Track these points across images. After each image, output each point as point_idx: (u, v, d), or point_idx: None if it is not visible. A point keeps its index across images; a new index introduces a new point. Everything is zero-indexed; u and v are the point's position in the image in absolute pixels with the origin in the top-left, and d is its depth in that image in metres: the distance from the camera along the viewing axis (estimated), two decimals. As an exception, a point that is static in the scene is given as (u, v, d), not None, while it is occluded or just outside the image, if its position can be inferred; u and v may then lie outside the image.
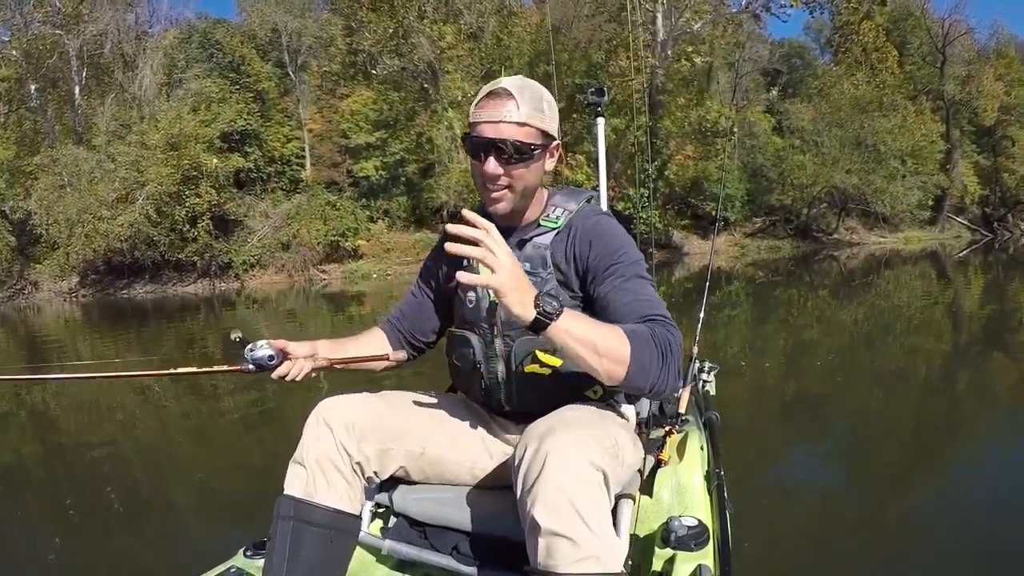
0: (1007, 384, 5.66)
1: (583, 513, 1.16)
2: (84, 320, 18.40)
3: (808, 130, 30.27)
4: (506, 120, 1.43)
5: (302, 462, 1.42)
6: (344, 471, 1.42)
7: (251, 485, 3.70)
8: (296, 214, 27.52)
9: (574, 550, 1.15)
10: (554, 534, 1.16)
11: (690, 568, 1.41)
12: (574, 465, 1.20)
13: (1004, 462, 3.75)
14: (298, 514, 1.37)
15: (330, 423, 1.44)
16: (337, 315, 15.27)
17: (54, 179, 25.19)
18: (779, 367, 6.81)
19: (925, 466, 3.76)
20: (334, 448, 1.42)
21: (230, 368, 1.62)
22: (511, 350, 1.56)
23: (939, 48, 34.52)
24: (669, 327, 1.34)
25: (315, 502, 1.38)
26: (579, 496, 1.17)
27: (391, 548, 1.57)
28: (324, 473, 1.41)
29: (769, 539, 2.78)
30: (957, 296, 12.31)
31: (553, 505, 1.17)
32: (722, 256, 26.75)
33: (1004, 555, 2.61)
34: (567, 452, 1.20)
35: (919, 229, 33.06)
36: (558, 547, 1.16)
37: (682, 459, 1.89)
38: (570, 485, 1.17)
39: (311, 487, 1.39)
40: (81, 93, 28.26)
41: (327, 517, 1.38)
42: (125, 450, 4.86)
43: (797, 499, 3.31)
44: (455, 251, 1.22)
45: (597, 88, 2.99)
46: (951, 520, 2.98)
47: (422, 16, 27.02)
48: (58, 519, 3.51)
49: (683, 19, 26.01)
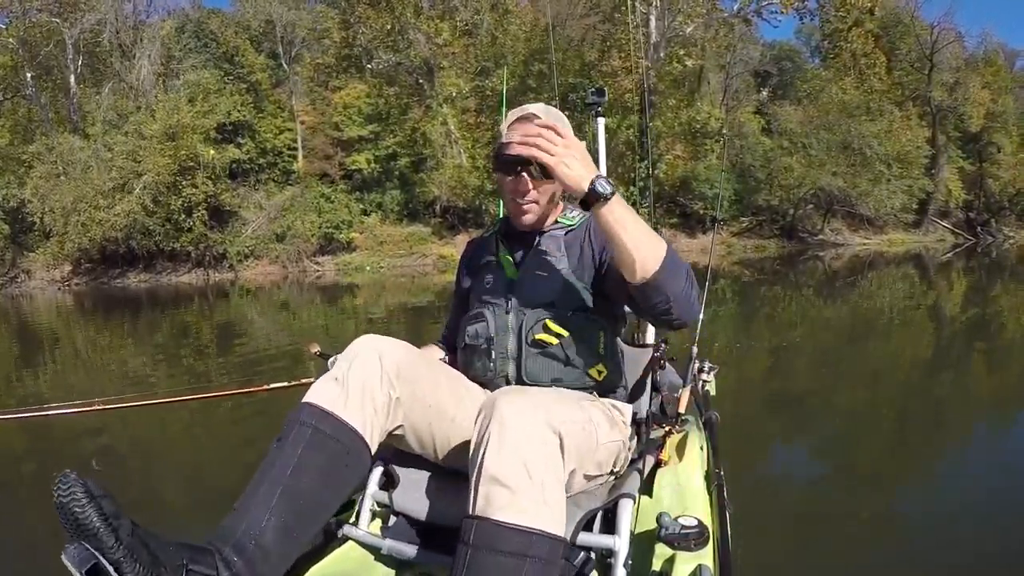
0: (990, 382, 5.81)
1: (528, 466, 1.20)
2: (77, 308, 18.47)
3: (796, 132, 30.65)
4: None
5: (341, 379, 1.38)
6: (378, 403, 1.40)
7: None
8: (290, 206, 27.68)
9: (512, 500, 1.17)
10: (495, 482, 1.19)
11: (690, 568, 1.39)
12: (528, 423, 1.24)
13: (1000, 461, 3.81)
14: (320, 423, 1.33)
15: (381, 354, 1.43)
16: (330, 307, 15.43)
17: (50, 168, 25.19)
18: (764, 363, 6.90)
19: (907, 461, 3.86)
20: (377, 378, 1.40)
21: (311, 381, 1.70)
22: (522, 322, 1.67)
23: (927, 55, 34.92)
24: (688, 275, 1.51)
25: (343, 418, 1.34)
26: (528, 451, 1.21)
27: (391, 548, 1.53)
28: (361, 396, 1.37)
29: (757, 534, 2.74)
30: (940, 298, 12.50)
31: (500, 455, 1.21)
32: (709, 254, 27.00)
33: (1005, 555, 2.65)
34: (522, 408, 1.25)
35: (903, 232, 33.43)
36: (497, 496, 1.18)
37: (682, 459, 1.90)
38: (520, 439, 1.22)
39: (340, 403, 1.35)
40: (76, 82, 28.19)
41: (349, 436, 1.34)
42: (126, 450, 4.76)
43: (782, 493, 3.36)
44: (521, 151, 1.48)
45: (597, 88, 3.05)
46: (937, 514, 3.03)
47: (418, 12, 27.20)
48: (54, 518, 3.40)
49: (676, 22, 26.26)
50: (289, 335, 9.74)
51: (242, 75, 30.40)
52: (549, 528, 1.18)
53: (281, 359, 7.80)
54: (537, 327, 1.66)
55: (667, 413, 2.07)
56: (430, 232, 27.80)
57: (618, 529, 1.44)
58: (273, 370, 7.17)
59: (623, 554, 1.40)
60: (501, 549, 1.14)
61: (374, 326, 10.28)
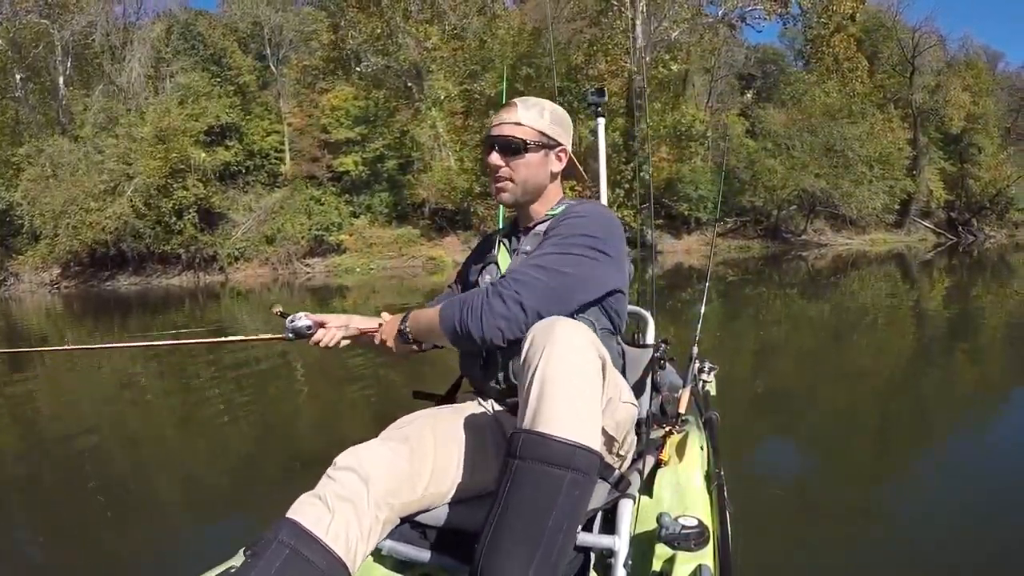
0: (973, 378, 5.93)
1: (575, 382, 1.26)
2: (66, 311, 18.41)
3: (780, 134, 31.07)
4: (506, 122, 1.70)
5: (324, 498, 1.30)
6: (363, 527, 1.31)
7: (251, 484, 3.60)
8: (280, 208, 27.82)
9: (557, 413, 1.23)
10: (543, 396, 1.24)
11: (690, 568, 1.39)
12: (578, 342, 1.30)
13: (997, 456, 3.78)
14: (299, 545, 1.23)
15: (368, 477, 1.36)
16: (321, 308, 15.39)
17: (40, 170, 25.20)
18: (749, 358, 7.00)
19: (891, 453, 3.88)
20: (364, 501, 1.33)
21: (272, 336, 1.83)
22: None
23: (909, 59, 35.38)
24: (495, 289, 1.52)
25: (324, 541, 1.25)
26: (575, 367, 1.27)
27: (391, 548, 1.50)
28: (344, 519, 1.29)
29: (754, 533, 2.63)
30: (922, 296, 12.65)
31: (549, 370, 1.26)
32: (693, 255, 27.29)
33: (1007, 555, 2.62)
34: (573, 328, 1.33)
35: (885, 232, 33.87)
36: (544, 409, 1.23)
37: (682, 459, 1.88)
38: (569, 355, 1.28)
39: (323, 525, 1.26)
40: (65, 84, 28.20)
41: (328, 562, 1.24)
42: (124, 449, 4.71)
43: (771, 489, 3.34)
44: None
45: (597, 88, 3.07)
46: (937, 514, 2.99)
47: (408, 16, 27.37)
48: (53, 518, 3.31)
49: (662, 27, 26.57)
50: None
51: (229, 77, 30.43)
52: (590, 443, 1.23)
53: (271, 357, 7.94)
54: None
55: (667, 413, 2.12)
56: (419, 234, 27.95)
57: (618, 529, 1.45)
58: (260, 372, 7.33)
59: (623, 554, 1.41)
60: (547, 460, 1.20)
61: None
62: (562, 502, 1.19)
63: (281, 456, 4.14)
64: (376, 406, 5.38)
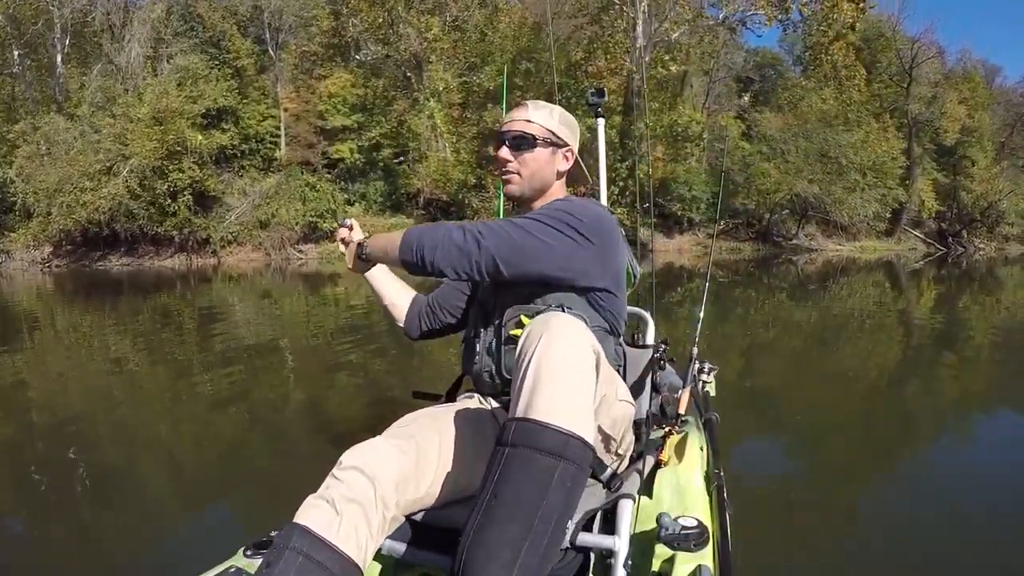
0: (961, 385, 6.01)
1: (569, 374, 1.26)
2: (57, 290, 18.34)
3: (775, 139, 31.21)
4: (518, 119, 1.77)
5: (331, 501, 1.28)
6: (373, 527, 1.30)
7: (251, 484, 3.53)
8: (275, 193, 27.78)
9: (551, 404, 1.22)
10: (537, 386, 1.24)
11: (690, 568, 1.39)
12: (573, 337, 1.30)
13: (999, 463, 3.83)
14: (312, 551, 1.22)
15: (374, 475, 1.34)
16: (312, 295, 15.53)
17: (35, 148, 25.10)
18: (738, 358, 7.04)
19: (892, 453, 3.91)
20: (371, 501, 1.31)
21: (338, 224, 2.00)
22: (502, 320, 1.70)
23: (907, 69, 35.55)
24: (461, 223, 1.56)
25: (335, 545, 1.24)
26: (569, 360, 1.27)
27: (391, 548, 1.50)
28: (353, 520, 1.27)
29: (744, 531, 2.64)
30: (910, 304, 12.75)
31: (543, 361, 1.26)
32: (685, 255, 27.45)
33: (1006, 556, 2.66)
34: (569, 323, 1.33)
35: (876, 239, 34.07)
36: (538, 398, 1.23)
37: (682, 459, 1.89)
38: (564, 348, 1.28)
39: (332, 529, 1.25)
40: (63, 62, 28.05)
41: (341, 566, 1.23)
42: (125, 448, 4.50)
43: (766, 488, 3.36)
44: None
45: (597, 89, 3.07)
46: (936, 513, 3.03)
47: (409, 7, 27.38)
48: (51, 518, 3.20)
49: (662, 27, 26.65)
50: (271, 325, 9.71)
51: (227, 60, 30.28)
52: (584, 435, 1.23)
53: (264, 352, 8.02)
54: (511, 323, 1.68)
55: (667, 414, 2.11)
56: (413, 224, 27.64)
57: (618, 529, 1.44)
58: (255, 367, 7.40)
59: (623, 554, 1.41)
60: (539, 447, 1.19)
61: (354, 314, 10.47)
62: (553, 492, 1.18)
63: (274, 445, 4.11)
64: (371, 399, 5.36)
